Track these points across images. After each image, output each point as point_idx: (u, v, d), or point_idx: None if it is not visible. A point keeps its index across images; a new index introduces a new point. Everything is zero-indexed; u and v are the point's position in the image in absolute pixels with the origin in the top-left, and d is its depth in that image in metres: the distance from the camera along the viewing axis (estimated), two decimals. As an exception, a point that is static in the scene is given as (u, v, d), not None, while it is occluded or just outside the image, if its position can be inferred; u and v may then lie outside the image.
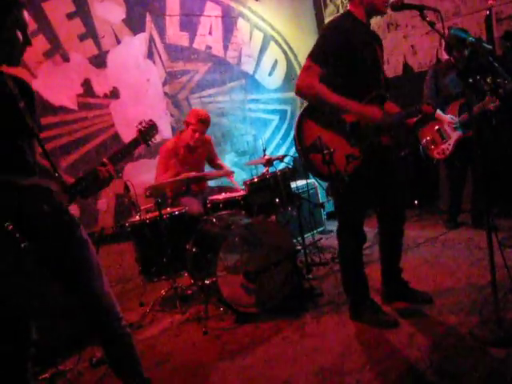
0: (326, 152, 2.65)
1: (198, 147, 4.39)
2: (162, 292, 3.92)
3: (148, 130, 2.29)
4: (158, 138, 4.89)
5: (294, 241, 3.97)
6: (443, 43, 4.66)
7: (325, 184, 5.62)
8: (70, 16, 4.50)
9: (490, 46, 4.04)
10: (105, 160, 2.05)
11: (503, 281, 2.66)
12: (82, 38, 4.58)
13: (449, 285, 3.21)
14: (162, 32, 5.18)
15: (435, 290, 3.12)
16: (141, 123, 2.28)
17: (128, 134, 4.82)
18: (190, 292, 4.01)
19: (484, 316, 2.64)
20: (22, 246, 1.62)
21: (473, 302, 2.87)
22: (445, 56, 4.48)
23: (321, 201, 5.49)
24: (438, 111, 4.27)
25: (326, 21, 6.62)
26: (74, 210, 4.43)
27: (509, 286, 2.69)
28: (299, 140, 2.76)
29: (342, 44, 2.62)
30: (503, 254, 2.51)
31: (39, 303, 2.03)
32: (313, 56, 2.65)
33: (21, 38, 1.80)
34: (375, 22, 3.04)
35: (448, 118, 4.24)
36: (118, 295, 4.18)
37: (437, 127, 4.35)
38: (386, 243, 3.05)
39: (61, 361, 3.04)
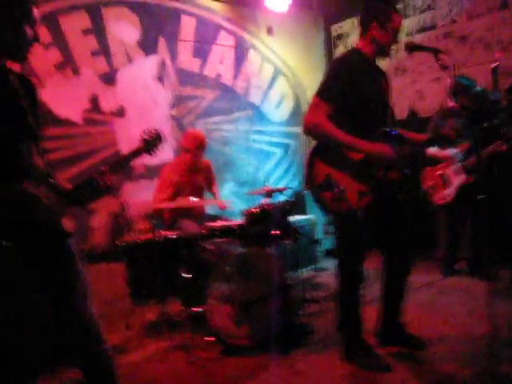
0: (336, 190, 2.62)
1: (197, 170, 4.37)
2: (150, 316, 3.82)
3: (152, 140, 2.22)
4: (160, 161, 4.97)
5: (288, 275, 3.89)
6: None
7: (322, 220, 5.62)
8: (85, 32, 4.55)
9: (496, 97, 4.09)
10: (103, 168, 1.97)
11: (500, 332, 2.59)
12: (94, 54, 4.62)
13: (444, 332, 3.14)
14: (173, 56, 5.23)
15: (430, 337, 3.04)
16: (145, 132, 2.21)
17: (130, 154, 4.80)
18: (178, 319, 3.90)
19: (479, 368, 2.56)
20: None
21: (467, 352, 2.79)
22: (451, 102, 4.52)
23: (318, 237, 5.43)
24: (438, 150, 4.27)
25: (336, 60, 6.72)
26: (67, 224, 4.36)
27: (506, 338, 2.62)
28: (310, 178, 2.75)
29: (349, 81, 2.63)
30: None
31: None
32: (320, 93, 2.66)
33: (29, 33, 1.77)
34: (382, 66, 3.10)
35: (451, 152, 4.22)
36: (104, 316, 4.06)
37: (439, 172, 4.34)
38: (391, 283, 3.01)
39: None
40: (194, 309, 3.20)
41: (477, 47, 5.18)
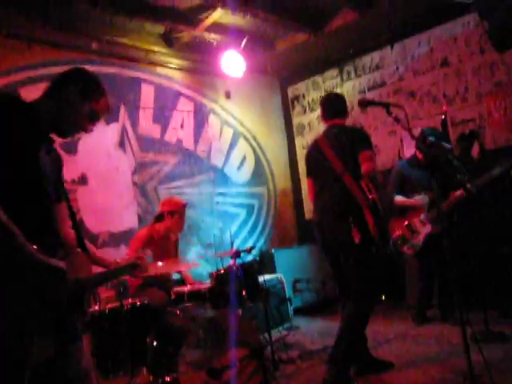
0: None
1: (170, 238, 4.32)
2: (118, 390, 3.60)
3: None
4: (124, 228, 4.89)
5: (261, 336, 3.80)
6: (405, 142, 4.92)
7: (291, 279, 5.58)
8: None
9: (449, 145, 4.29)
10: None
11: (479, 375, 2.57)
12: (54, 124, 4.61)
13: (423, 383, 3.08)
14: (134, 123, 5.29)
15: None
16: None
17: (92, 222, 4.72)
18: (148, 390, 3.70)
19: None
20: None
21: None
22: (406, 154, 4.70)
23: (287, 296, 5.36)
24: (406, 199, 4.40)
25: (294, 120, 6.96)
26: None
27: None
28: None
29: None
30: (480, 350, 2.45)
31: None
32: (371, 148, 3.28)
33: (87, 126, 1.90)
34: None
35: (418, 199, 4.33)
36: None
37: (406, 223, 4.41)
38: None
39: None
40: (167, 378, 3.05)
41: (425, 101, 5.51)
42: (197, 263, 4.60)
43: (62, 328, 1.62)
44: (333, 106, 3.55)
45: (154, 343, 3.44)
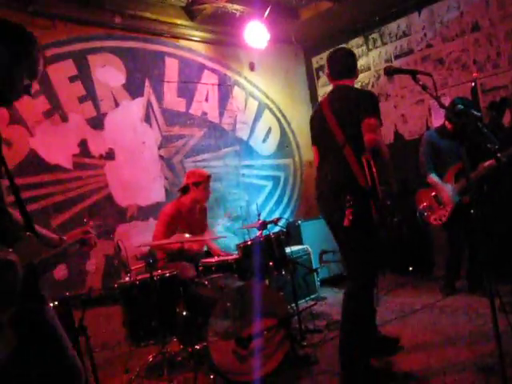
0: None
1: (198, 211, 4.37)
2: (149, 358, 3.72)
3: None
4: (152, 202, 4.97)
5: (289, 306, 3.85)
6: (433, 111, 4.81)
7: (317, 250, 5.60)
8: (71, 79, 4.63)
9: (479, 113, 4.18)
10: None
11: (507, 348, 2.56)
12: (81, 100, 4.69)
13: (450, 353, 3.09)
14: (159, 97, 5.31)
15: (437, 359, 3.00)
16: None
17: (121, 196, 4.81)
18: (179, 358, 3.81)
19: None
20: None
21: (477, 370, 2.75)
22: (434, 124, 4.60)
23: (314, 267, 5.40)
24: (438, 181, 4.30)
25: (319, 91, 6.86)
26: (61, 270, 4.32)
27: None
28: None
29: None
30: (509, 320, 2.43)
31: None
32: (378, 116, 2.82)
33: (25, 82, 1.75)
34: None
35: (449, 192, 4.25)
36: (103, 361, 3.99)
37: (433, 193, 4.36)
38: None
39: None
40: (196, 346, 3.13)
41: (454, 68, 5.34)
42: (223, 235, 4.64)
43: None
44: (340, 63, 3.12)
45: (184, 313, 3.53)
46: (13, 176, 1.75)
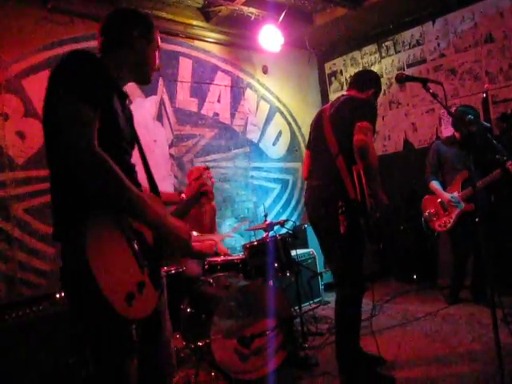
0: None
1: (203, 210, 4.41)
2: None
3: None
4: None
5: (292, 308, 3.88)
6: (443, 121, 4.83)
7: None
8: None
9: (488, 124, 4.19)
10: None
11: (507, 357, 2.58)
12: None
13: (451, 361, 3.11)
14: (172, 96, 5.37)
15: (437, 367, 3.01)
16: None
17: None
18: (182, 355, 3.85)
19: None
20: None
21: (476, 379, 2.77)
22: (444, 133, 4.62)
23: (319, 271, 5.42)
24: (438, 187, 4.34)
25: (331, 96, 6.89)
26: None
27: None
28: None
29: None
30: (510, 331, 2.45)
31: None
32: (369, 119, 2.78)
33: (155, 65, 1.94)
34: (377, 100, 3.30)
35: (449, 197, 4.29)
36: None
37: (439, 200, 4.39)
38: None
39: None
40: (199, 343, 3.17)
41: (466, 78, 5.35)
42: (230, 234, 4.66)
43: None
44: (357, 75, 3.32)
45: (188, 310, 3.57)
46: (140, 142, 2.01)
